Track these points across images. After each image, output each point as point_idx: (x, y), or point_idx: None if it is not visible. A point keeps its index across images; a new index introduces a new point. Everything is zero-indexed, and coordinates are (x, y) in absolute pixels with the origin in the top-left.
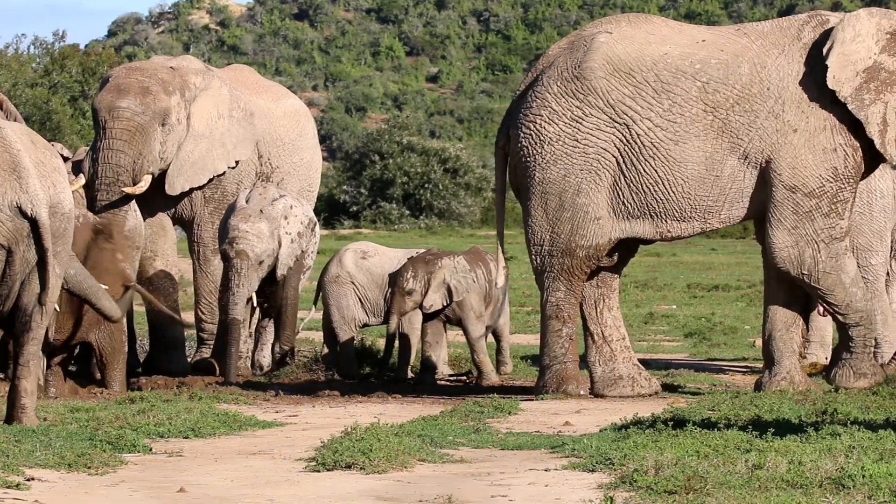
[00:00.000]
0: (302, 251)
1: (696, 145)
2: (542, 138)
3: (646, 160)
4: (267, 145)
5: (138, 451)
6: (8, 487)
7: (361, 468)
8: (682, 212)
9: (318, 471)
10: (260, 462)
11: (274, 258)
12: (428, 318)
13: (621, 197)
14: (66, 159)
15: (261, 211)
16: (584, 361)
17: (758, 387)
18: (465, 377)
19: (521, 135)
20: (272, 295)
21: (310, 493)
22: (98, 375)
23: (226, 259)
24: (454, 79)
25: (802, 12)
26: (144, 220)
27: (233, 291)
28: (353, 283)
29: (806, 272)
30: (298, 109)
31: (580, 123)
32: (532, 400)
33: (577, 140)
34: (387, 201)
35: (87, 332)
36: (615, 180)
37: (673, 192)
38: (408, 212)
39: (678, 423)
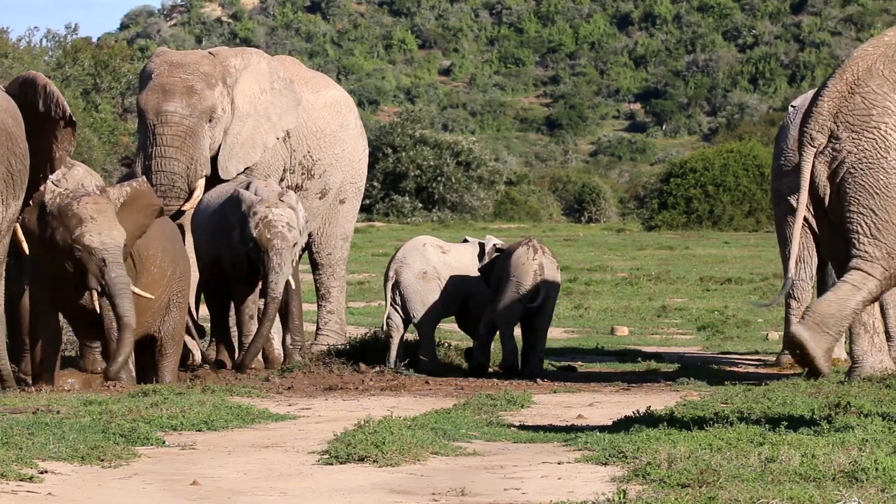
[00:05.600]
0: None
1: None
2: (887, 144)
3: None
4: (307, 138)
5: (151, 444)
6: (21, 480)
7: (374, 461)
8: None
9: (331, 464)
10: (273, 455)
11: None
12: None
13: None
14: None
15: (281, 199)
16: None
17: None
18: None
19: (863, 140)
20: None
21: (323, 486)
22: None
23: (259, 244)
24: (466, 72)
25: (813, 3)
26: None
27: (275, 271)
28: (439, 277)
29: None
30: (340, 100)
31: None
32: (546, 393)
33: None
34: (399, 194)
35: (150, 325)
36: None
37: None
38: (420, 205)
39: (691, 416)
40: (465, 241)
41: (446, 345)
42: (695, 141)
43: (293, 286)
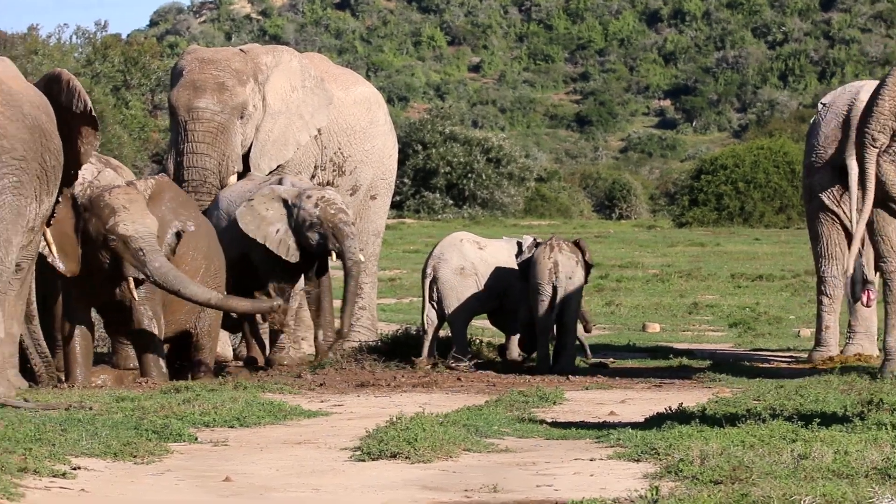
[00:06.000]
0: None
1: None
2: None
3: None
4: (337, 135)
5: (184, 440)
6: (54, 476)
7: (407, 457)
8: None
9: (364, 460)
10: (305, 451)
11: None
12: None
13: None
14: None
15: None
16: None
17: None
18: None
19: None
20: (313, 281)
21: (355, 483)
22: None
23: (324, 221)
24: (496, 68)
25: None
26: None
27: (349, 237)
28: (476, 273)
29: None
30: (369, 97)
31: None
32: (578, 390)
33: None
34: (430, 191)
35: (186, 321)
36: None
37: None
38: (451, 201)
39: (723, 413)
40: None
41: (477, 341)
42: (725, 137)
43: (326, 282)
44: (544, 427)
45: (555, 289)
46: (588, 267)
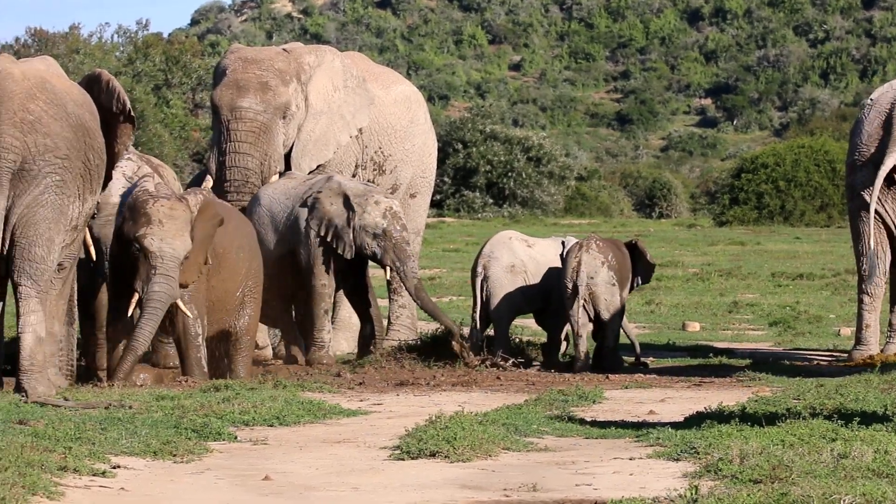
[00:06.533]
0: None
1: None
2: None
3: None
4: (377, 134)
5: (223, 439)
6: (94, 475)
7: (446, 456)
8: None
9: (403, 459)
10: (344, 450)
11: None
12: None
13: None
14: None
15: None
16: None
17: None
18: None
19: None
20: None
21: (394, 481)
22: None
23: (389, 234)
24: (537, 67)
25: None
26: None
27: (412, 257)
28: (525, 271)
29: None
30: (409, 95)
31: None
32: (617, 389)
33: None
34: (470, 190)
35: (226, 321)
36: None
37: None
38: (491, 200)
39: (763, 412)
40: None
41: (517, 339)
42: (766, 136)
43: (366, 280)
44: (584, 426)
45: (575, 287)
46: (650, 266)
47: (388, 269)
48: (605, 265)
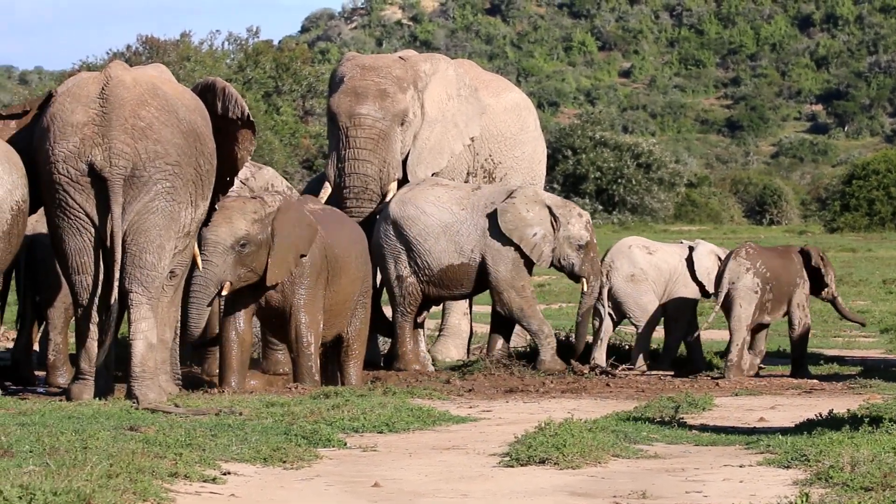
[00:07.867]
0: None
1: None
2: None
3: None
4: (488, 141)
5: (333, 446)
6: (205, 481)
7: (555, 463)
8: None
9: (512, 466)
10: (454, 457)
11: None
12: None
13: None
14: None
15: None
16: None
17: None
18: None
19: None
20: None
21: (504, 488)
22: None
23: (590, 246)
24: (647, 73)
25: None
26: None
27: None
28: (647, 279)
29: None
30: (519, 103)
31: None
32: (727, 396)
33: None
34: (580, 196)
35: (340, 326)
36: None
37: None
38: (601, 207)
39: (874, 419)
40: (681, 243)
41: (626, 347)
42: (877, 142)
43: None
44: (693, 433)
45: (717, 294)
46: (816, 274)
47: (585, 281)
48: (751, 272)
